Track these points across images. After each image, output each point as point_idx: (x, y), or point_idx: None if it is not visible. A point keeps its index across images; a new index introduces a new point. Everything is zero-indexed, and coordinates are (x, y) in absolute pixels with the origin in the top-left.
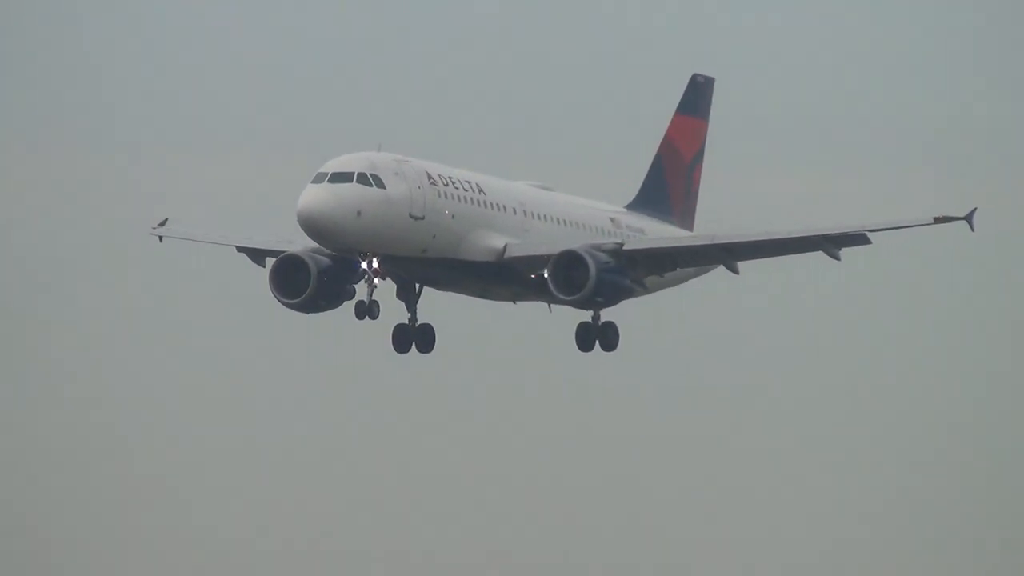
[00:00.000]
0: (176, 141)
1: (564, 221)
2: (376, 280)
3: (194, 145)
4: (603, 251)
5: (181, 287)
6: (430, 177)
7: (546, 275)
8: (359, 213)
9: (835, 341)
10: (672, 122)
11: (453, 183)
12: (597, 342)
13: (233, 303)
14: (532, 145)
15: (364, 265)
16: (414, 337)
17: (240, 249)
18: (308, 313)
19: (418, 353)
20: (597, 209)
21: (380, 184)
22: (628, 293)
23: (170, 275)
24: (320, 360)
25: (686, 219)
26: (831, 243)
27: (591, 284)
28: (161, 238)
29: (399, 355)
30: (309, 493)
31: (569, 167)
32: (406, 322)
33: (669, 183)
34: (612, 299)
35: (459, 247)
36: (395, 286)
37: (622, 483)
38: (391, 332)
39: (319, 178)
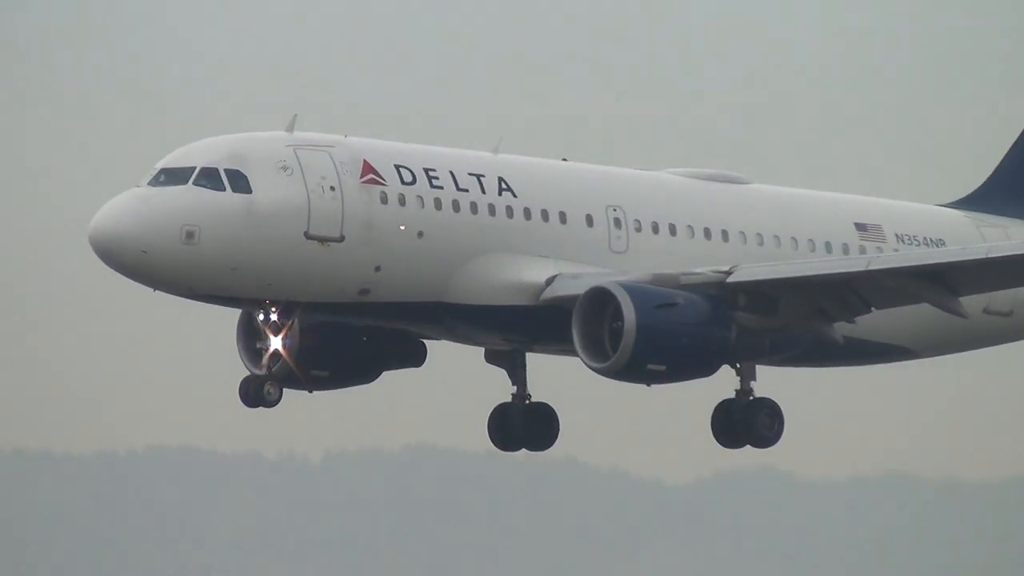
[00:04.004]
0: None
1: (728, 233)
2: (276, 342)
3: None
4: (679, 286)
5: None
6: (370, 170)
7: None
8: (191, 235)
9: None
10: None
11: (431, 177)
12: (744, 434)
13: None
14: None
15: (261, 317)
16: (522, 425)
17: None
18: (310, 391)
19: (528, 451)
20: (832, 210)
21: (241, 185)
22: (735, 353)
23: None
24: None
25: None
26: None
27: (629, 343)
28: None
29: (502, 453)
30: None
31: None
32: (510, 401)
33: None
34: (687, 367)
35: (448, 283)
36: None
37: None
38: (487, 417)
39: (146, 178)
